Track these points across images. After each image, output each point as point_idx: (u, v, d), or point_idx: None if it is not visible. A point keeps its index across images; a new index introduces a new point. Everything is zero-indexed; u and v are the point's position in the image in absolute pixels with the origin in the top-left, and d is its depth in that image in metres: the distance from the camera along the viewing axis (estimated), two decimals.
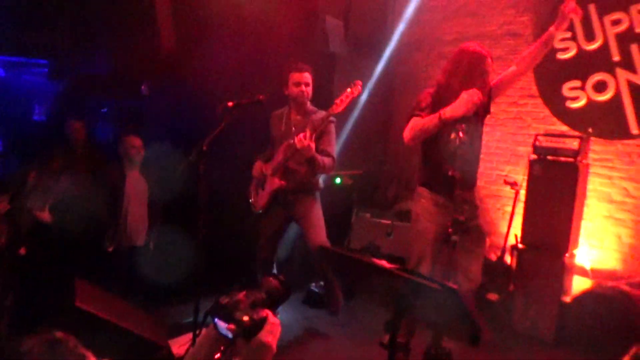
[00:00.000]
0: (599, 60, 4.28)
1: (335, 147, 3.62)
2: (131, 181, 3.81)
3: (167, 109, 4.49)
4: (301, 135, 3.25)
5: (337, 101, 3.29)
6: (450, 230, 2.48)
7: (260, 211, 3.67)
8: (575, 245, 4.08)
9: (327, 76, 4.65)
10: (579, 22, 4.38)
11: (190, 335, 2.95)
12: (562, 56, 4.51)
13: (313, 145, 3.30)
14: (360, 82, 3.31)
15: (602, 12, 4.28)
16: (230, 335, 1.19)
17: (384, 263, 1.88)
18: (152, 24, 4.09)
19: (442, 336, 2.74)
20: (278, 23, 4.34)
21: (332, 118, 3.47)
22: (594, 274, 4.23)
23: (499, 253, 4.40)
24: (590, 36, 4.36)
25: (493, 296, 4.20)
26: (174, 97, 4.34)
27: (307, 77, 3.52)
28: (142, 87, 4.37)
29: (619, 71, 4.20)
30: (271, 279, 1.37)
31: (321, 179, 3.74)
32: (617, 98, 4.21)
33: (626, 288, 3.81)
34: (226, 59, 4.14)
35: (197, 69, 4.04)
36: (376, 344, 2.90)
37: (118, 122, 5.11)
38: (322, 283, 4.24)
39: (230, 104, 2.99)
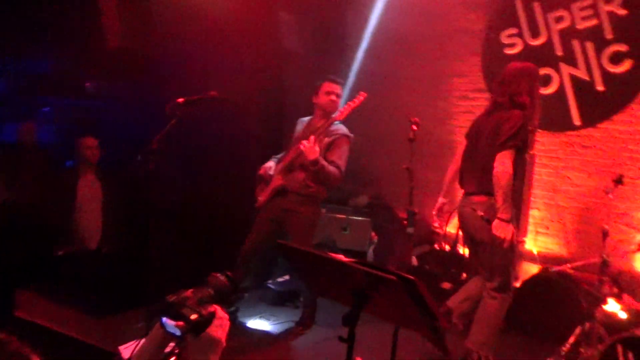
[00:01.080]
0: (543, 56, 4.45)
1: (345, 162, 3.65)
2: (85, 183, 3.70)
3: (118, 107, 4.35)
4: (306, 140, 3.37)
5: (341, 109, 3.40)
6: None
7: (259, 206, 3.72)
8: (525, 233, 4.24)
9: (279, 73, 4.62)
10: (525, 19, 4.54)
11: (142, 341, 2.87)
12: (509, 52, 4.66)
13: (317, 149, 3.37)
14: (363, 94, 3.43)
15: (546, 10, 4.46)
16: (178, 332, 1.19)
17: (341, 257, 1.90)
18: (97, 20, 3.95)
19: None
20: (231, 17, 4.28)
21: (346, 132, 3.63)
22: (542, 259, 4.41)
23: (451, 243, 4.52)
24: (535, 32, 4.52)
25: (447, 285, 4.31)
26: (125, 95, 4.21)
27: (339, 89, 3.66)
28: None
29: (562, 66, 4.38)
30: (218, 275, 1.37)
31: None
32: (561, 91, 4.40)
33: (571, 271, 4.00)
34: (177, 55, 4.04)
35: (147, 66, 3.93)
36: (336, 338, 2.92)
37: (64, 122, 4.91)
38: (280, 280, 4.23)
39: (180, 100, 2.92)
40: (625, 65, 4.10)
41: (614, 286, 3.42)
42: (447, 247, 4.62)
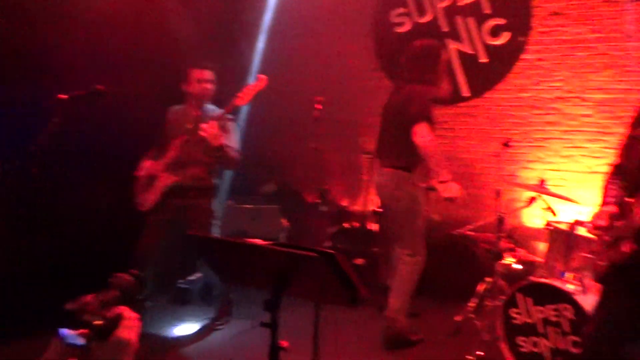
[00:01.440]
0: (431, 32, 4.67)
1: (238, 143, 3.52)
2: None
3: None
4: (205, 125, 3.16)
5: (240, 95, 3.22)
6: None
7: (148, 210, 3.47)
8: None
9: (162, 61, 4.35)
10: None
11: None
12: (399, 30, 4.84)
13: (221, 134, 3.22)
14: (263, 77, 3.27)
15: None
16: (81, 342, 1.10)
17: (258, 241, 1.86)
18: None
19: None
20: (118, 8, 3.97)
21: (229, 115, 3.42)
22: (445, 225, 4.68)
23: (361, 220, 4.65)
24: (422, 11, 4.73)
25: (359, 261, 4.44)
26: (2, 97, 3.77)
27: (210, 74, 3.46)
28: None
29: (449, 41, 4.64)
30: (122, 274, 1.30)
31: None
32: (449, 65, 4.63)
33: (470, 233, 4.30)
34: (60, 51, 3.69)
35: (28, 64, 3.55)
36: (255, 329, 2.90)
37: None
38: (192, 278, 4.10)
39: (62, 96, 2.68)
40: (504, 38, 4.44)
41: (509, 241, 3.72)
42: (357, 223, 4.74)
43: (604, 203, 2.12)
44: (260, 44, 5.31)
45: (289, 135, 5.23)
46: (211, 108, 3.53)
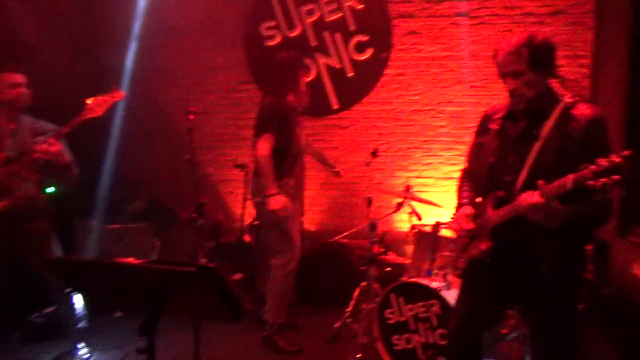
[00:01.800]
0: (300, 46, 4.80)
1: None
2: None
3: None
4: (47, 141, 2.79)
5: (91, 105, 2.87)
6: None
7: None
8: (303, 212, 4.55)
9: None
10: (281, 12, 4.82)
11: None
12: (270, 43, 4.89)
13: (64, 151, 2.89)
14: (120, 92, 2.97)
15: (298, 3, 4.80)
16: None
17: (130, 260, 1.74)
18: None
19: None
20: None
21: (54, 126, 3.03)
22: (320, 234, 4.81)
23: (237, 234, 4.58)
24: (291, 25, 4.84)
25: (237, 276, 4.37)
26: None
27: (22, 78, 3.00)
28: None
29: (318, 55, 4.80)
30: None
31: None
32: (318, 79, 4.81)
33: (344, 240, 4.45)
34: None
35: None
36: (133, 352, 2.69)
37: None
38: (46, 312, 3.67)
39: None
40: (368, 54, 4.71)
41: (381, 246, 3.92)
42: (233, 238, 4.66)
43: (459, 205, 2.31)
44: (130, 52, 5.01)
45: (159, 148, 4.99)
46: (37, 120, 3.12)
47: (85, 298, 3.32)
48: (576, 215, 1.87)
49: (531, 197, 1.84)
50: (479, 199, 2.20)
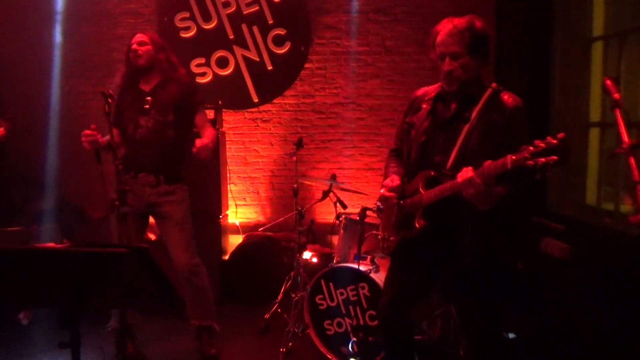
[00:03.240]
0: (218, 38, 4.69)
1: None
2: None
3: None
4: None
5: None
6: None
7: None
8: (226, 207, 4.43)
9: None
10: (195, 3, 4.67)
11: None
12: (185, 35, 4.72)
13: None
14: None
15: None
16: None
17: (51, 244, 1.58)
18: None
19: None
20: None
21: None
22: (244, 229, 4.72)
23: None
24: (207, 16, 4.70)
25: (152, 236, 4.17)
26: None
27: None
28: None
29: (236, 48, 4.71)
30: None
31: None
32: (237, 72, 4.72)
33: (269, 233, 4.41)
34: None
35: None
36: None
37: None
38: None
39: None
40: (287, 47, 4.70)
41: (309, 235, 3.92)
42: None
43: (386, 176, 2.32)
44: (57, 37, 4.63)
45: (65, 143, 4.61)
46: None
47: None
48: (509, 197, 1.96)
49: (468, 173, 1.89)
50: (413, 179, 2.23)
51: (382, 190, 2.25)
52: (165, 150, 2.97)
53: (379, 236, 2.42)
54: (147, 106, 2.93)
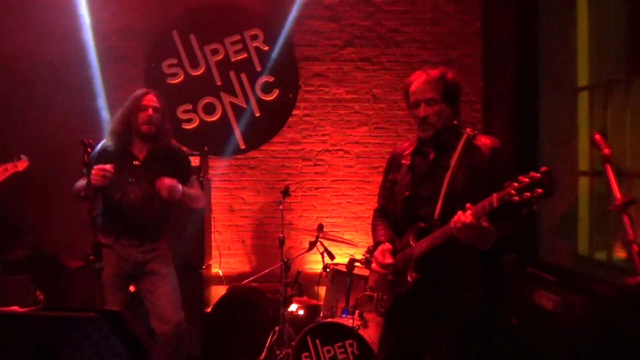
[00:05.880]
0: (205, 85, 4.71)
1: None
2: None
3: None
4: None
5: None
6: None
7: None
8: (210, 256, 4.32)
9: None
10: (184, 50, 4.72)
11: None
12: (172, 81, 4.74)
13: None
14: (23, 160, 2.72)
15: (202, 42, 4.73)
16: None
17: (15, 309, 1.49)
18: None
19: None
20: None
21: None
22: (227, 279, 4.59)
23: None
24: (195, 63, 4.74)
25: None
26: None
27: None
28: None
29: (223, 94, 4.73)
30: None
31: None
32: (224, 118, 4.72)
33: (254, 284, 4.29)
34: None
35: None
36: None
37: None
38: None
39: None
40: (275, 94, 4.73)
41: (295, 287, 3.81)
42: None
43: (375, 244, 2.29)
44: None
45: (41, 187, 4.52)
46: None
47: None
48: (505, 233, 1.94)
49: (464, 217, 1.86)
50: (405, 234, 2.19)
51: (373, 265, 2.21)
52: (152, 219, 2.92)
53: (374, 297, 2.35)
54: (136, 177, 2.86)
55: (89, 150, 2.36)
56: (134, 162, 2.89)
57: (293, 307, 3.84)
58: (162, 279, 2.93)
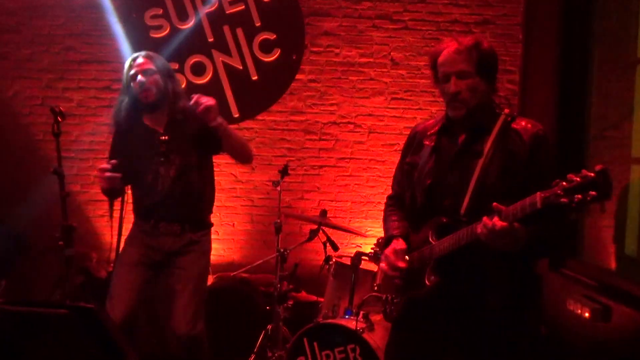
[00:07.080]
0: (194, 41, 4.71)
1: None
2: None
3: None
4: None
5: None
6: None
7: None
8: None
9: None
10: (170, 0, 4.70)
11: None
12: (155, 35, 4.74)
13: None
14: None
15: None
16: None
17: None
18: None
19: None
20: None
21: None
22: (214, 268, 4.64)
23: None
24: (183, 15, 4.73)
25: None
26: None
27: None
28: None
29: (215, 53, 4.73)
30: None
31: None
32: (216, 81, 4.74)
33: (245, 275, 4.36)
34: None
35: None
36: None
37: None
38: None
39: None
40: (275, 54, 4.72)
41: (292, 281, 3.87)
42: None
43: (387, 238, 2.30)
44: None
45: (4, 159, 4.59)
46: None
47: None
48: (538, 238, 1.94)
49: (493, 222, 1.83)
50: (422, 228, 2.20)
51: (382, 265, 2.23)
52: (191, 197, 3.01)
53: (383, 298, 2.39)
54: (164, 149, 2.93)
55: (59, 119, 2.39)
56: (156, 138, 2.96)
57: (289, 305, 3.90)
58: (188, 281, 3.01)
